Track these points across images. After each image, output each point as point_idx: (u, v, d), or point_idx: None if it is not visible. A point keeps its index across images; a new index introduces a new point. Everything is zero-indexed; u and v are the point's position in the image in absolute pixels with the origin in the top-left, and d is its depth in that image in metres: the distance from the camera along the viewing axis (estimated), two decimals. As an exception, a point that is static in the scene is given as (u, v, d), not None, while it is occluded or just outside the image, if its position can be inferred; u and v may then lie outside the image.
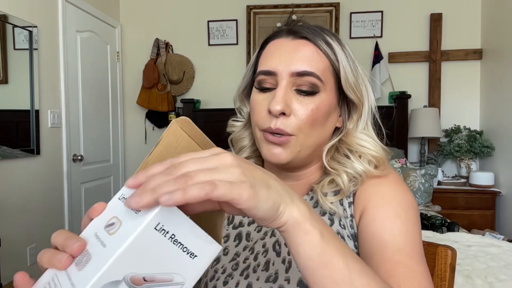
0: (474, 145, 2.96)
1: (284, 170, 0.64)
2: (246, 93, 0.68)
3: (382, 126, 0.65)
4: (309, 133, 0.58)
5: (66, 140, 2.69)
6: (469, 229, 2.62)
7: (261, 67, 0.60)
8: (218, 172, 0.32)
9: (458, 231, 2.10)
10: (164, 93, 3.31)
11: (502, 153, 2.90)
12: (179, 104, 3.41)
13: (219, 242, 0.35)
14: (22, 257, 2.30)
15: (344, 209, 0.61)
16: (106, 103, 3.27)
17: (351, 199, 0.62)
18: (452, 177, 3.14)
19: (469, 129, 3.12)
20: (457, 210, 2.79)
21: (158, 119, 3.45)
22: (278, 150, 0.58)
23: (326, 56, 0.58)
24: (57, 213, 2.63)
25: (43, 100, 2.48)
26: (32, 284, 0.36)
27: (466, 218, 2.76)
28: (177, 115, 3.36)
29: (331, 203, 0.60)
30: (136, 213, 0.32)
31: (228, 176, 0.32)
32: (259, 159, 0.69)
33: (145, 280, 0.31)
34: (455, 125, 3.16)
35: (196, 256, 0.33)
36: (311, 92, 0.57)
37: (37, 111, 2.41)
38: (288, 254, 0.61)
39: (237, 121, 0.70)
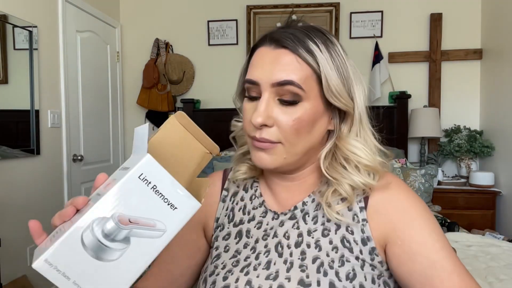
0: (474, 145, 2.96)
1: (279, 172, 0.65)
2: (241, 96, 0.69)
3: (372, 130, 0.64)
4: (294, 142, 0.59)
5: (66, 140, 2.69)
6: (469, 229, 2.62)
7: (247, 75, 0.61)
8: None
9: (458, 231, 2.10)
10: (164, 93, 3.31)
11: (502, 153, 2.90)
12: (179, 104, 3.41)
13: (199, 201, 0.39)
14: (22, 257, 2.30)
15: (355, 214, 0.61)
16: (106, 103, 3.27)
17: (363, 204, 0.62)
18: (452, 177, 3.14)
19: (469, 129, 3.12)
20: (457, 210, 2.79)
21: (158, 119, 3.44)
22: (264, 156, 0.59)
23: (307, 64, 0.57)
24: (57, 213, 2.62)
25: (43, 100, 2.48)
26: (43, 235, 0.40)
27: (466, 218, 2.76)
28: (177, 115, 3.35)
29: (337, 211, 0.60)
30: (126, 170, 0.37)
31: None
32: None
33: (130, 221, 0.36)
34: (455, 125, 3.16)
35: (176, 208, 0.37)
36: (293, 101, 0.57)
37: (37, 111, 2.41)
38: (291, 255, 0.60)
39: (239, 121, 0.72)
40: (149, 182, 0.36)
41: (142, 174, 0.36)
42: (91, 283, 0.35)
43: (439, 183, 2.99)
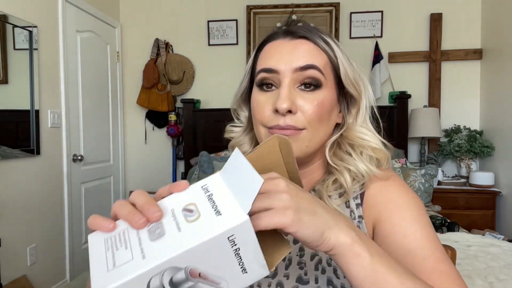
0: (474, 145, 2.96)
1: None
2: (244, 97, 0.68)
3: (380, 121, 0.66)
4: (317, 128, 0.59)
5: (66, 140, 2.69)
6: (469, 229, 2.62)
7: (262, 65, 0.60)
8: (268, 197, 0.36)
9: (458, 231, 2.10)
10: (164, 93, 3.31)
11: (502, 153, 2.90)
12: (179, 104, 3.41)
13: (270, 268, 0.37)
14: (22, 257, 2.30)
15: (351, 211, 0.61)
16: (106, 103, 3.27)
17: (359, 201, 0.62)
18: (452, 177, 3.14)
19: (469, 129, 3.12)
20: (457, 210, 2.79)
21: (158, 119, 3.45)
22: None
23: (325, 53, 0.60)
24: (57, 213, 2.62)
25: (43, 100, 2.48)
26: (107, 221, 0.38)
27: (466, 218, 2.76)
28: (177, 115, 3.36)
29: (338, 205, 0.60)
30: (216, 214, 0.35)
31: (276, 202, 0.36)
32: None
33: (200, 275, 0.34)
34: (455, 125, 3.16)
35: (246, 272, 0.36)
36: (315, 85, 0.58)
37: (37, 111, 2.41)
38: (289, 252, 0.60)
39: (236, 126, 0.70)
40: (235, 244, 0.34)
41: (233, 235, 0.34)
42: None
43: (439, 183, 2.99)
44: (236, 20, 3.40)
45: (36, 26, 2.39)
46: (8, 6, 2.21)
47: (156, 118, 3.44)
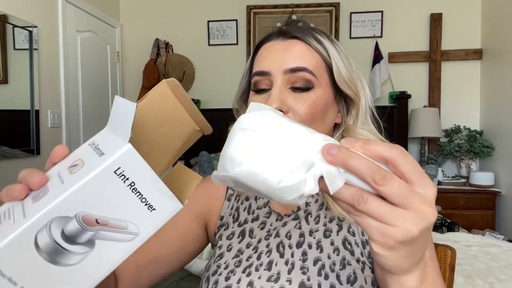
0: (474, 145, 2.96)
1: None
2: (244, 99, 0.69)
3: (380, 121, 0.65)
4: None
5: (66, 140, 2.69)
6: (469, 229, 2.62)
7: (256, 68, 0.61)
8: (409, 212, 0.29)
9: (458, 231, 2.10)
10: (164, 93, 3.31)
11: (502, 153, 2.90)
12: (179, 104, 3.41)
13: (183, 201, 0.34)
14: (22, 257, 2.30)
15: None
16: (106, 103, 3.27)
17: None
18: (452, 177, 3.14)
19: (469, 129, 3.12)
20: (457, 210, 2.79)
21: (158, 119, 3.45)
22: None
23: (318, 52, 0.59)
24: (57, 213, 2.63)
25: (43, 100, 2.48)
26: None
27: (466, 218, 2.76)
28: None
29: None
30: (100, 155, 0.31)
31: (412, 224, 0.29)
32: None
33: (97, 222, 0.31)
34: (455, 125, 3.16)
35: (154, 209, 0.32)
36: (306, 88, 0.58)
37: (37, 111, 2.41)
38: (292, 256, 0.60)
39: None
40: (127, 178, 0.30)
41: (119, 168, 0.30)
42: None
43: (439, 183, 2.98)
44: (236, 20, 3.40)
45: (36, 26, 2.39)
46: (8, 6, 2.21)
47: (156, 118, 3.44)
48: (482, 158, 3.11)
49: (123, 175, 0.30)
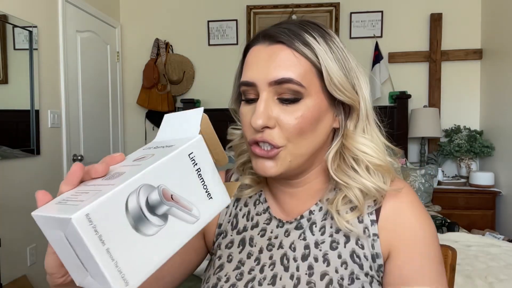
0: (474, 145, 2.96)
1: (283, 178, 0.61)
2: (237, 100, 0.65)
3: (380, 125, 0.61)
4: (298, 143, 0.54)
5: (66, 140, 2.69)
6: (469, 229, 2.62)
7: (242, 77, 0.57)
8: None
9: (458, 231, 2.10)
10: (164, 93, 3.31)
11: (502, 153, 2.90)
12: (179, 104, 3.41)
13: (231, 195, 0.38)
14: (22, 257, 2.30)
15: (366, 227, 0.58)
16: (106, 103, 3.27)
17: (374, 217, 0.58)
18: (452, 177, 3.14)
19: (469, 129, 3.12)
20: (457, 210, 2.79)
21: (158, 119, 3.45)
22: (268, 164, 0.55)
23: (305, 58, 0.53)
24: (57, 213, 2.62)
25: (43, 100, 2.48)
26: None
27: (466, 218, 2.76)
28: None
29: (348, 220, 0.57)
30: (169, 147, 0.35)
31: None
32: None
33: (172, 198, 0.33)
34: (455, 125, 3.16)
35: (211, 198, 0.36)
36: (294, 99, 0.53)
37: (37, 111, 2.41)
38: (297, 270, 0.57)
39: (236, 128, 0.68)
40: (196, 163, 0.35)
41: (192, 153, 0.35)
42: (123, 255, 0.30)
43: (439, 183, 2.99)
44: (236, 20, 3.40)
45: (36, 26, 2.39)
46: (8, 6, 2.21)
47: (156, 118, 3.44)
48: (482, 158, 3.11)
49: (194, 160, 0.35)
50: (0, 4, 2.16)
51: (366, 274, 0.56)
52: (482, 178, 2.87)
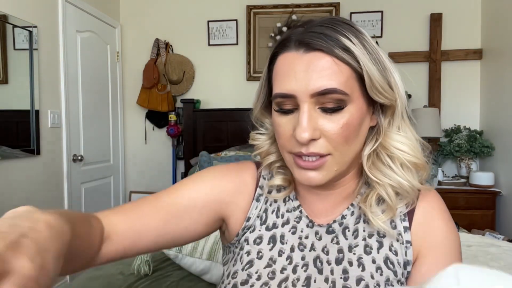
0: (474, 145, 2.96)
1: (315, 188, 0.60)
2: (265, 106, 0.63)
3: (415, 122, 0.60)
4: (345, 150, 0.53)
5: (66, 140, 2.69)
6: (469, 229, 2.62)
7: (277, 89, 0.54)
8: None
9: (458, 231, 2.10)
10: (164, 93, 3.31)
11: (502, 153, 2.90)
12: (179, 104, 3.41)
13: None
14: (22, 257, 2.30)
15: (399, 234, 0.58)
16: (106, 103, 3.27)
17: (407, 224, 0.58)
18: (452, 177, 3.14)
19: (469, 129, 3.12)
20: (457, 210, 2.79)
21: (158, 119, 3.45)
22: (313, 174, 0.53)
23: (347, 64, 0.51)
24: (57, 213, 2.62)
25: (43, 100, 2.48)
26: None
27: (466, 218, 2.76)
28: (177, 115, 3.36)
29: (383, 222, 0.56)
30: None
31: None
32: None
33: None
34: (455, 125, 3.16)
35: None
36: (338, 107, 0.51)
37: (37, 111, 2.41)
38: (332, 273, 0.56)
39: (261, 134, 0.65)
40: None
41: None
42: None
43: (439, 183, 2.98)
44: (236, 20, 3.39)
45: (36, 26, 2.39)
46: (8, 6, 2.21)
47: (156, 118, 3.44)
48: (482, 158, 3.11)
49: None
50: (0, 4, 2.16)
51: (399, 281, 0.56)
52: (482, 178, 2.87)
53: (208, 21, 3.41)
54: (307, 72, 0.50)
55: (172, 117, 3.30)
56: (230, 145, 3.07)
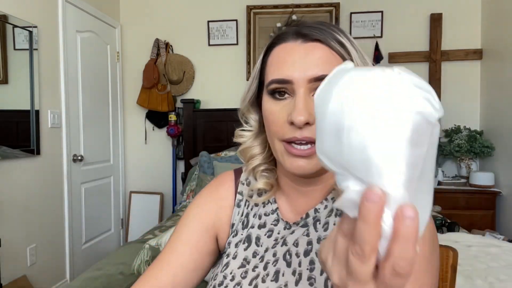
0: (474, 145, 2.96)
1: (308, 176, 0.60)
2: (252, 101, 0.65)
3: None
4: None
5: (66, 140, 2.69)
6: (469, 229, 2.62)
7: (273, 75, 0.56)
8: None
9: (459, 231, 2.10)
10: (164, 93, 3.31)
11: (502, 153, 2.90)
12: (179, 104, 3.41)
13: None
14: (22, 257, 2.30)
15: None
16: (106, 103, 3.27)
17: None
18: (452, 177, 3.14)
19: (469, 129, 3.12)
20: (457, 210, 2.79)
21: (158, 119, 3.45)
22: (304, 162, 0.55)
23: (340, 56, 0.55)
24: (57, 213, 2.62)
25: (43, 100, 2.47)
26: None
27: (466, 218, 2.76)
28: (177, 115, 3.36)
29: None
30: None
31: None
32: (271, 164, 0.66)
33: None
34: (455, 125, 3.16)
35: None
36: None
37: (37, 111, 2.41)
38: (299, 265, 0.58)
39: (246, 130, 0.67)
40: None
41: None
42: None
43: (439, 183, 2.98)
44: (236, 20, 3.39)
45: (36, 26, 2.39)
46: (8, 6, 2.21)
47: (156, 118, 3.44)
48: (482, 158, 3.11)
49: None
50: (0, 4, 2.16)
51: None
52: (482, 178, 2.87)
53: (208, 21, 3.41)
54: (305, 59, 0.54)
55: (172, 117, 3.30)
56: (230, 145, 3.07)
